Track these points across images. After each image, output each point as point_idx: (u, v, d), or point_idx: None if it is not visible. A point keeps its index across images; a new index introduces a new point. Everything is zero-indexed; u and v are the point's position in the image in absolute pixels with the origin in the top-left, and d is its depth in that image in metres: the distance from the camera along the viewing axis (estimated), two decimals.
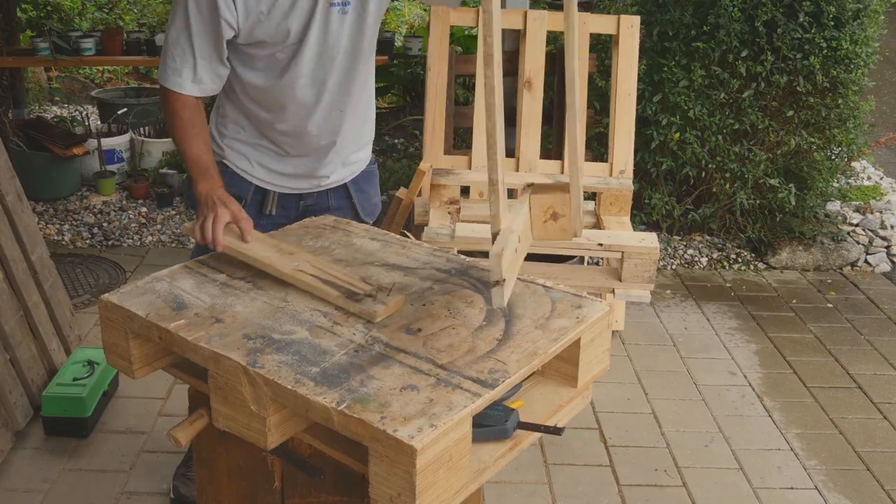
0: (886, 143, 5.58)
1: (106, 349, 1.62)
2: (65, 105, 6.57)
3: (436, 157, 3.53)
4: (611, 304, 1.60)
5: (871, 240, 4.62)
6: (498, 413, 1.43)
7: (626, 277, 2.85)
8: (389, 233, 1.94)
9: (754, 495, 2.73)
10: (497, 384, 1.32)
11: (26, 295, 2.93)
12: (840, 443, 3.04)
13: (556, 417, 1.55)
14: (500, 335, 1.47)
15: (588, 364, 1.57)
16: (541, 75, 3.55)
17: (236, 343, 1.43)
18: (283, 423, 1.39)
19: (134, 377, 1.60)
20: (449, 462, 1.24)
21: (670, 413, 3.15)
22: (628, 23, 3.50)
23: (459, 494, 1.29)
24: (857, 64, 4.22)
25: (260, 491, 1.62)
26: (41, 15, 5.73)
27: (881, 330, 3.88)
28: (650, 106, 4.29)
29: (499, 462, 1.41)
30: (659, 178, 4.51)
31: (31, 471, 2.66)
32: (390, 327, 1.50)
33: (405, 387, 1.31)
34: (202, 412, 1.54)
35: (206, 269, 1.73)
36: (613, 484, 2.75)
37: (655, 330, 3.76)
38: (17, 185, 3.02)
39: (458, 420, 1.24)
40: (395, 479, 1.21)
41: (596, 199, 3.54)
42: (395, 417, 1.23)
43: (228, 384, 1.39)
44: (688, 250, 4.53)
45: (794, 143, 4.31)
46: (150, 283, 1.65)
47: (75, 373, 2.88)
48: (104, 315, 1.59)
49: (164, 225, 4.56)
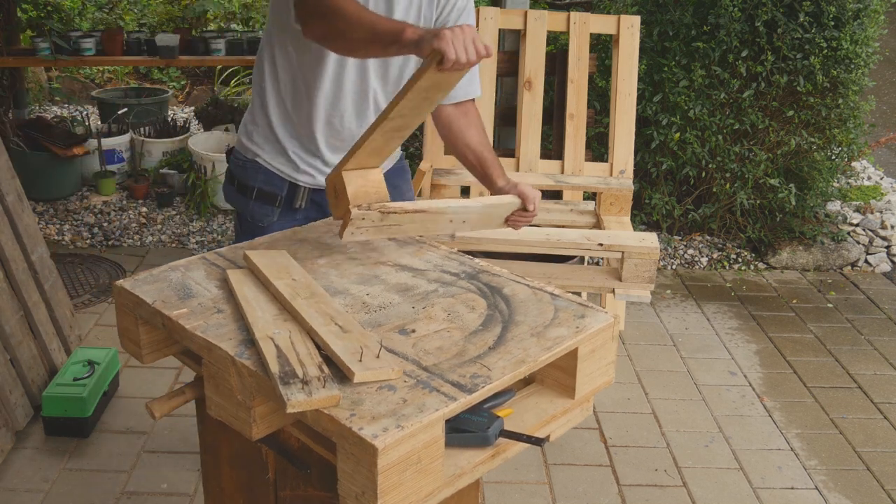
0: (886, 143, 5.58)
1: (119, 333, 1.67)
2: (65, 105, 6.57)
3: (436, 157, 3.53)
4: (616, 316, 1.59)
5: (872, 240, 4.62)
6: (481, 419, 1.41)
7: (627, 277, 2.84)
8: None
9: (754, 495, 2.73)
10: (476, 389, 1.32)
11: (26, 295, 2.93)
12: (840, 443, 3.04)
13: (549, 428, 1.53)
14: (493, 341, 1.47)
15: (587, 375, 1.55)
16: (541, 75, 3.55)
17: (230, 334, 1.45)
18: (269, 414, 1.40)
19: (143, 362, 1.65)
20: (417, 464, 1.24)
21: (670, 413, 3.15)
22: (628, 23, 3.50)
23: (431, 498, 1.29)
24: (857, 64, 4.22)
25: (256, 481, 1.64)
26: (41, 15, 5.73)
27: (881, 330, 3.88)
28: (650, 106, 4.29)
29: (478, 468, 1.40)
30: (659, 178, 4.51)
31: (31, 471, 2.66)
32: (385, 326, 1.51)
33: (382, 386, 1.32)
34: (183, 390, 1.58)
35: (221, 260, 1.76)
36: (613, 484, 2.75)
37: (656, 330, 3.76)
38: (18, 185, 3.02)
39: (428, 423, 1.24)
40: (359, 477, 1.22)
41: (596, 199, 3.54)
42: (364, 416, 1.24)
43: (219, 373, 1.42)
44: (688, 250, 4.53)
45: (795, 143, 4.31)
46: (164, 271, 1.69)
47: (75, 373, 2.88)
48: (118, 300, 1.64)
49: (165, 225, 4.56)
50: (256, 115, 2.17)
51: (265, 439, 1.48)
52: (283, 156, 2.16)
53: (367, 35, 1.74)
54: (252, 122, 2.19)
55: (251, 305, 1.53)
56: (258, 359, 1.37)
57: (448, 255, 1.84)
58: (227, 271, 1.67)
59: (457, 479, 1.37)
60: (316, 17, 1.82)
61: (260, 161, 2.18)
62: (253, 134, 2.18)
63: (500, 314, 1.56)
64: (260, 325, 1.46)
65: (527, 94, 3.54)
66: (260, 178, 2.17)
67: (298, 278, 1.64)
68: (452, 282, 1.69)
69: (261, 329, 1.44)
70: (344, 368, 1.35)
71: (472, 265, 1.79)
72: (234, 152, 2.26)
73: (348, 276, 1.71)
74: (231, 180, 2.26)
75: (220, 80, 6.93)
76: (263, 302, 1.55)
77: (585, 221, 3.46)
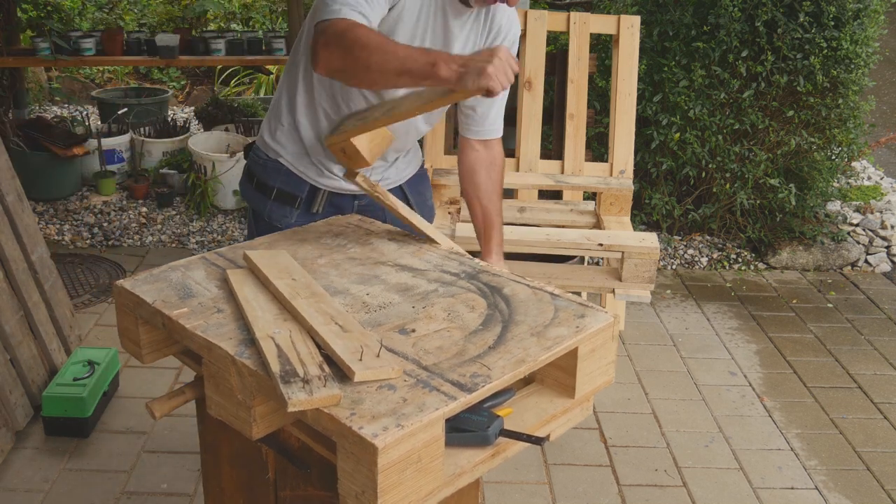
0: (886, 143, 5.58)
1: (119, 333, 1.67)
2: (65, 105, 6.57)
3: (436, 157, 3.53)
4: (616, 316, 1.59)
5: (872, 240, 4.62)
6: (481, 419, 1.41)
7: (627, 277, 2.84)
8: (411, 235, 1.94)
9: (754, 495, 2.73)
10: (476, 388, 1.32)
11: (26, 295, 2.93)
12: (840, 443, 3.04)
13: (549, 428, 1.53)
14: (493, 340, 1.47)
15: (587, 375, 1.55)
16: (541, 75, 3.55)
17: (230, 333, 1.45)
18: (269, 414, 1.41)
19: (143, 361, 1.65)
20: (418, 463, 1.24)
21: (670, 413, 3.15)
22: (628, 23, 3.50)
23: (431, 497, 1.29)
24: (857, 64, 4.23)
25: (256, 480, 1.64)
26: (41, 15, 5.73)
27: (881, 330, 3.88)
28: (650, 106, 4.29)
29: (478, 468, 1.40)
30: (659, 178, 4.52)
31: (31, 471, 2.66)
32: (384, 326, 1.51)
33: (382, 385, 1.32)
34: (183, 390, 1.59)
35: (221, 260, 1.76)
36: (613, 484, 2.75)
37: (655, 330, 3.76)
38: (18, 185, 3.02)
39: (428, 422, 1.24)
40: (359, 477, 1.22)
41: (596, 199, 3.54)
42: (364, 415, 1.24)
43: (219, 373, 1.42)
44: (688, 250, 4.53)
45: (795, 143, 4.31)
46: (165, 271, 1.69)
47: (75, 373, 2.88)
48: (118, 300, 1.64)
49: (165, 225, 4.56)
50: (283, 114, 2.12)
51: (265, 439, 1.48)
52: (306, 158, 2.12)
53: (396, 67, 1.66)
54: (277, 120, 2.13)
55: (251, 305, 1.53)
56: (258, 358, 1.37)
57: (448, 255, 1.84)
58: (227, 271, 1.67)
59: (457, 478, 1.37)
60: (334, 47, 1.72)
61: (282, 161, 2.13)
62: (277, 132, 2.13)
63: (500, 314, 1.56)
64: (260, 325, 1.46)
65: (527, 94, 3.54)
66: (280, 179, 2.13)
67: (298, 278, 1.64)
68: (452, 282, 1.69)
69: (261, 328, 1.44)
70: (344, 368, 1.34)
71: (472, 265, 1.79)
72: (253, 149, 2.21)
73: (348, 276, 1.71)
74: (250, 178, 2.21)
75: (220, 80, 6.93)
76: (263, 302, 1.55)
77: (585, 221, 3.46)
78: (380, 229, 1.97)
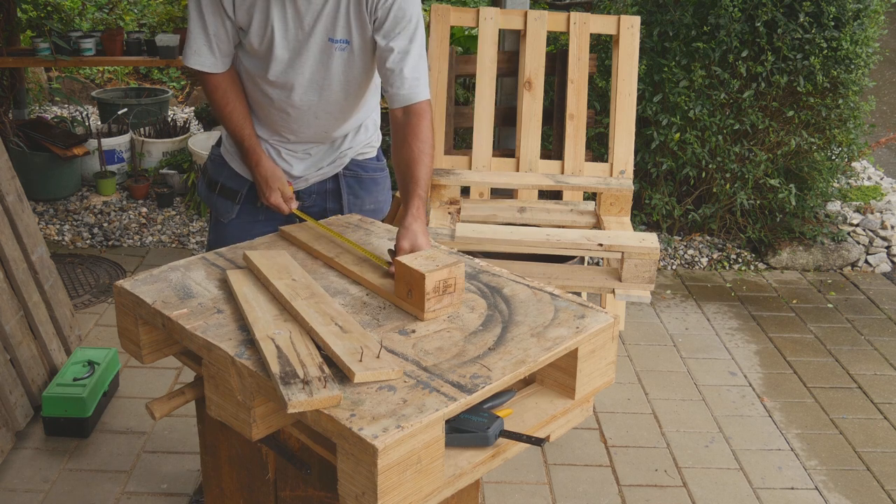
0: (886, 143, 5.58)
1: (119, 333, 1.67)
2: (65, 105, 6.57)
3: (436, 157, 3.53)
4: (616, 316, 1.58)
5: (872, 240, 4.62)
6: (481, 420, 1.41)
7: (627, 278, 2.84)
8: None
9: (754, 495, 2.73)
10: (476, 389, 1.32)
11: (26, 295, 2.93)
12: (840, 443, 3.04)
13: (549, 428, 1.53)
14: (493, 341, 1.47)
15: (587, 376, 1.56)
16: (541, 75, 3.55)
17: (230, 334, 1.44)
18: (269, 415, 1.40)
19: (143, 362, 1.65)
20: (418, 464, 1.24)
21: (670, 413, 3.15)
22: (628, 23, 3.50)
23: (431, 498, 1.29)
24: (857, 64, 4.22)
25: (256, 481, 1.64)
26: (41, 15, 5.72)
27: (881, 330, 3.88)
28: (650, 106, 4.29)
29: (478, 469, 1.40)
30: (659, 179, 4.51)
31: (31, 471, 2.66)
32: (385, 327, 1.51)
33: (382, 386, 1.32)
34: (183, 390, 1.59)
35: (221, 260, 1.76)
36: (613, 484, 2.75)
37: (656, 330, 3.76)
38: (18, 185, 3.02)
39: (428, 423, 1.24)
40: (359, 478, 1.22)
41: (596, 199, 3.54)
42: (364, 416, 1.24)
43: (219, 373, 1.42)
44: (688, 250, 4.53)
45: (795, 143, 4.31)
46: (164, 272, 1.70)
47: (75, 373, 2.88)
48: (118, 300, 1.64)
49: (165, 225, 4.56)
50: None
51: (265, 439, 1.48)
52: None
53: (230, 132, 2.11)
54: None
55: (251, 306, 1.53)
56: (258, 359, 1.37)
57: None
58: (227, 271, 1.67)
59: (457, 479, 1.36)
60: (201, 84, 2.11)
61: (227, 158, 2.21)
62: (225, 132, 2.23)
63: (500, 314, 1.56)
64: (260, 326, 1.46)
65: (527, 94, 3.54)
66: (224, 174, 2.20)
67: (298, 278, 1.64)
68: None
69: (261, 329, 1.44)
70: (344, 369, 1.34)
71: (472, 265, 1.79)
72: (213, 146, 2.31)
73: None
74: (204, 173, 2.30)
75: None
76: (263, 302, 1.55)
77: (585, 222, 3.46)
78: (379, 229, 1.98)
